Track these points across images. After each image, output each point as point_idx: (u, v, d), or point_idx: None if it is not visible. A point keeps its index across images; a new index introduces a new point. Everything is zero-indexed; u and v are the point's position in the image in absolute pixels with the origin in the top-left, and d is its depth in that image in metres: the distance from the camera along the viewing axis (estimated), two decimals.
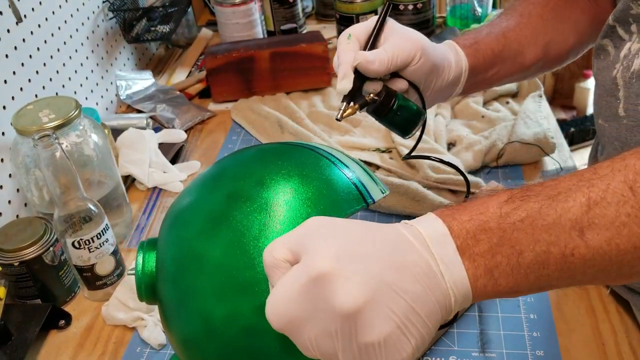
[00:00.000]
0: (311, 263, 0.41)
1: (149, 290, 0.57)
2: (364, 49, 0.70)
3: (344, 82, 0.68)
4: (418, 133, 0.74)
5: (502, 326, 0.72)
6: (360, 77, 0.69)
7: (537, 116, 1.02)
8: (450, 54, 0.75)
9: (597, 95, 0.72)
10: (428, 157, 0.78)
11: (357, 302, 0.40)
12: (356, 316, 0.40)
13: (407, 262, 0.42)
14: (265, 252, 0.44)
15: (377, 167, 0.98)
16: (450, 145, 1.02)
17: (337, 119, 0.69)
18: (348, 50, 0.69)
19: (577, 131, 2.54)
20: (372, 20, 0.72)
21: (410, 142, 1.00)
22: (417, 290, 0.41)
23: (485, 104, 1.11)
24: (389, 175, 0.96)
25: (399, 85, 0.70)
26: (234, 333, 0.50)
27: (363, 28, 0.71)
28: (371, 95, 0.69)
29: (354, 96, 0.69)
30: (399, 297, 0.41)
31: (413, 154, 0.76)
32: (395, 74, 0.71)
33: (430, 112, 1.07)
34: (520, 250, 0.42)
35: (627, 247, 0.41)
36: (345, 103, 0.69)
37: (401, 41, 0.69)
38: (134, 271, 0.57)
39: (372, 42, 0.70)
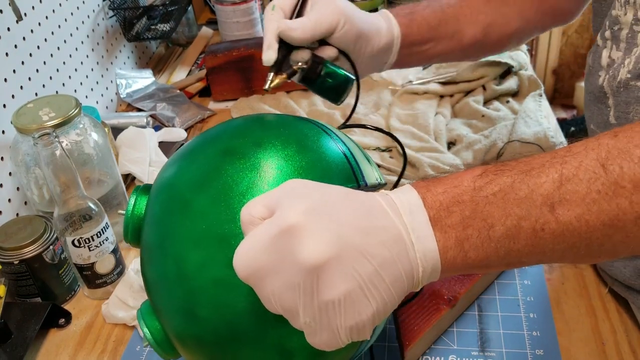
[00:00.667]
0: (282, 216, 0.42)
1: (135, 233, 0.59)
2: (290, 19, 0.71)
3: (269, 53, 0.69)
4: (352, 101, 0.74)
5: (501, 325, 0.72)
6: (287, 47, 0.69)
7: (538, 115, 1.02)
8: (382, 21, 0.76)
9: (587, 100, 0.72)
10: (363, 126, 0.78)
11: (321, 257, 0.40)
12: (319, 271, 0.40)
13: (377, 228, 0.42)
14: (243, 209, 0.44)
15: (378, 166, 0.98)
16: (451, 144, 1.02)
17: (264, 90, 0.69)
18: (272, 21, 0.69)
19: (578, 130, 2.54)
20: None
21: (409, 141, 1.00)
22: (384, 255, 0.42)
23: (486, 103, 1.11)
24: (389, 174, 0.96)
25: (328, 52, 0.71)
26: (204, 282, 0.51)
27: (288, 0, 0.72)
28: (299, 64, 0.69)
29: (281, 65, 0.69)
30: (365, 260, 0.41)
31: (344, 127, 0.76)
32: (324, 43, 0.72)
33: (430, 111, 1.07)
34: (491, 223, 0.43)
35: (596, 224, 0.42)
36: (272, 73, 0.69)
37: (324, 9, 0.71)
38: (123, 212, 0.59)
39: (297, 12, 0.71)
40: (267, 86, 0.69)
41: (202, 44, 1.46)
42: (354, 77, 0.72)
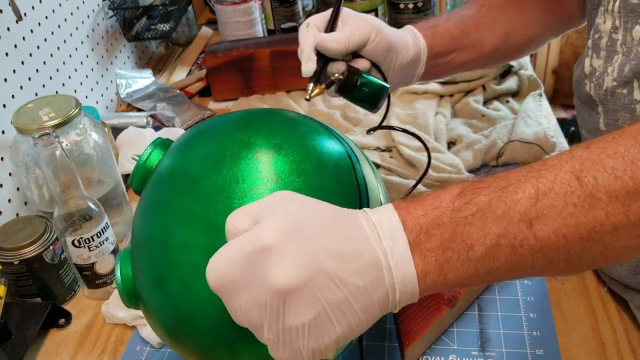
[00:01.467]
0: (259, 234, 0.42)
1: (140, 182, 0.60)
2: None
3: (308, 64, 0.72)
4: (384, 108, 0.77)
5: (501, 325, 0.72)
6: (324, 59, 0.73)
7: (538, 115, 1.02)
8: (408, 35, 0.80)
9: (578, 106, 0.74)
10: (393, 128, 0.80)
11: (289, 282, 0.41)
12: (286, 296, 0.41)
13: (355, 253, 0.43)
14: (229, 217, 0.45)
15: (378, 165, 0.98)
16: (451, 144, 1.02)
17: (306, 99, 0.73)
18: (308, 36, 0.73)
19: (577, 130, 2.54)
20: (330, 11, 0.76)
21: (409, 141, 1.00)
22: (357, 283, 0.42)
23: (486, 103, 1.11)
24: (389, 174, 0.96)
25: (362, 64, 0.75)
26: (181, 260, 0.52)
27: (321, 17, 0.75)
28: (336, 74, 0.72)
29: (319, 77, 0.73)
30: (336, 287, 0.42)
31: (378, 128, 0.79)
32: (357, 55, 0.75)
33: (430, 111, 1.07)
34: (471, 244, 0.43)
35: (574, 237, 0.42)
36: (312, 84, 0.73)
37: (356, 22, 0.74)
38: (137, 157, 0.61)
39: (330, 27, 0.74)
40: (308, 96, 0.73)
41: (202, 43, 1.46)
42: (388, 86, 0.75)
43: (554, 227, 0.42)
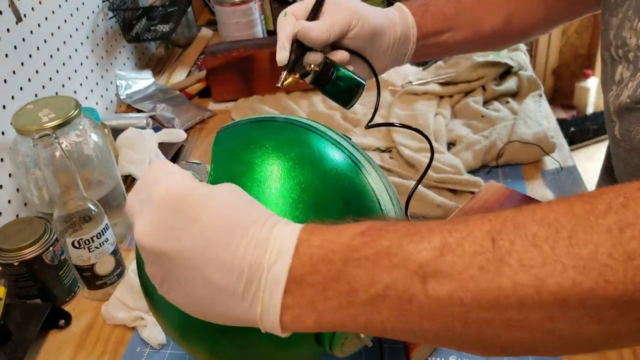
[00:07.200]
0: (137, 230, 0.44)
1: None
2: None
3: (282, 52, 0.70)
4: (373, 104, 0.76)
5: None
6: (301, 48, 0.71)
7: (537, 116, 1.02)
8: (394, 13, 0.77)
9: (604, 105, 0.72)
10: (392, 124, 0.79)
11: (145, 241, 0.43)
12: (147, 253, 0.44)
13: (222, 290, 0.41)
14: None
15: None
16: (450, 145, 1.02)
17: (277, 86, 0.72)
18: (285, 25, 0.71)
19: (577, 131, 2.54)
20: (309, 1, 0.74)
21: (409, 141, 1.00)
22: (204, 295, 0.42)
23: (485, 103, 1.11)
24: (390, 175, 0.96)
25: (340, 56, 0.73)
26: None
27: (300, 6, 0.73)
28: (312, 66, 0.71)
29: (294, 66, 0.71)
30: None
31: (372, 123, 0.76)
32: (336, 47, 0.73)
33: (430, 112, 1.07)
34: (354, 288, 0.39)
35: (471, 304, 0.37)
36: (285, 72, 0.71)
37: (336, 10, 0.72)
38: None
39: (312, 16, 0.72)
40: (279, 84, 0.71)
41: (201, 44, 1.46)
42: (364, 82, 0.73)
43: (450, 288, 0.37)
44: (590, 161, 2.44)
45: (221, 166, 0.57)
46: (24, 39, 0.96)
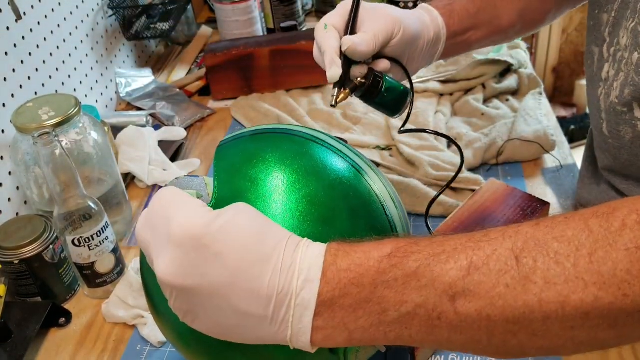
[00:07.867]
0: (155, 255, 0.44)
1: None
2: (344, 35, 0.71)
3: (333, 69, 0.68)
4: (406, 112, 0.75)
5: None
6: (346, 62, 0.69)
7: (537, 113, 1.02)
8: (425, 15, 0.77)
9: (589, 101, 0.73)
10: (424, 130, 0.79)
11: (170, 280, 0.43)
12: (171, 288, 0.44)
13: (248, 318, 0.42)
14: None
15: (377, 164, 0.98)
16: (450, 143, 1.02)
17: (331, 105, 0.70)
18: (329, 38, 0.69)
19: (577, 129, 2.54)
20: (342, 6, 0.72)
21: (409, 139, 1.00)
22: (238, 323, 0.43)
23: (485, 101, 1.11)
24: (389, 173, 0.96)
25: (382, 65, 0.72)
26: None
27: (337, 16, 0.72)
28: (359, 79, 0.70)
29: (344, 82, 0.70)
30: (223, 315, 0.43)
31: (404, 129, 0.76)
32: (377, 55, 0.72)
33: (430, 110, 1.07)
34: (385, 308, 0.41)
35: (498, 319, 0.39)
36: (337, 89, 0.70)
37: (378, 19, 0.70)
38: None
39: (351, 27, 0.71)
40: (333, 102, 0.69)
41: (201, 42, 1.46)
42: (409, 90, 0.72)
43: (479, 306, 0.39)
44: None
45: (225, 183, 0.55)
46: (23, 37, 0.96)
